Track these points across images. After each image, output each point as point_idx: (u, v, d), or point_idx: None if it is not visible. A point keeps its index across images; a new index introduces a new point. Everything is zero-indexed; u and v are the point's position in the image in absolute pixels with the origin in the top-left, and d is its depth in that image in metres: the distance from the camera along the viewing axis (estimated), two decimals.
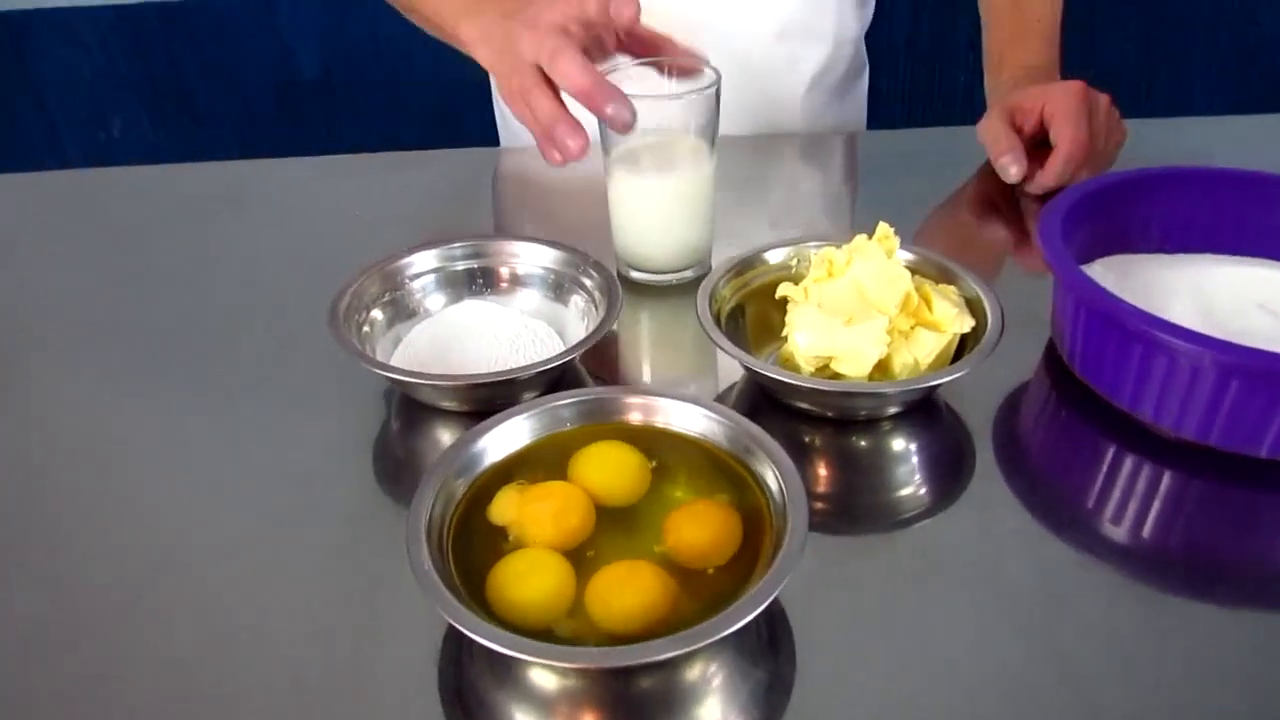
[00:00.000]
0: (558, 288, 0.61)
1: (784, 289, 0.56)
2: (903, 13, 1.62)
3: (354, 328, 0.56)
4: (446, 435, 0.54)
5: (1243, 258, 0.61)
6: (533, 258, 0.62)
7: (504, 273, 0.62)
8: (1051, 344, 0.59)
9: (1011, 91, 0.76)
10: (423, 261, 0.61)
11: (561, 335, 0.59)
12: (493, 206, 0.83)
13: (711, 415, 0.46)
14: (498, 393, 0.53)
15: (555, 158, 0.60)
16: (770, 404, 0.55)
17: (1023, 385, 0.57)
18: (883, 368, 0.53)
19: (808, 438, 0.53)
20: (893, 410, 0.54)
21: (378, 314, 0.59)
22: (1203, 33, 1.65)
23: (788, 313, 0.55)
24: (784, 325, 0.55)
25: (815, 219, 0.78)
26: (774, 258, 0.60)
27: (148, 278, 0.71)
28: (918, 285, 0.54)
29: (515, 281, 0.62)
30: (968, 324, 0.54)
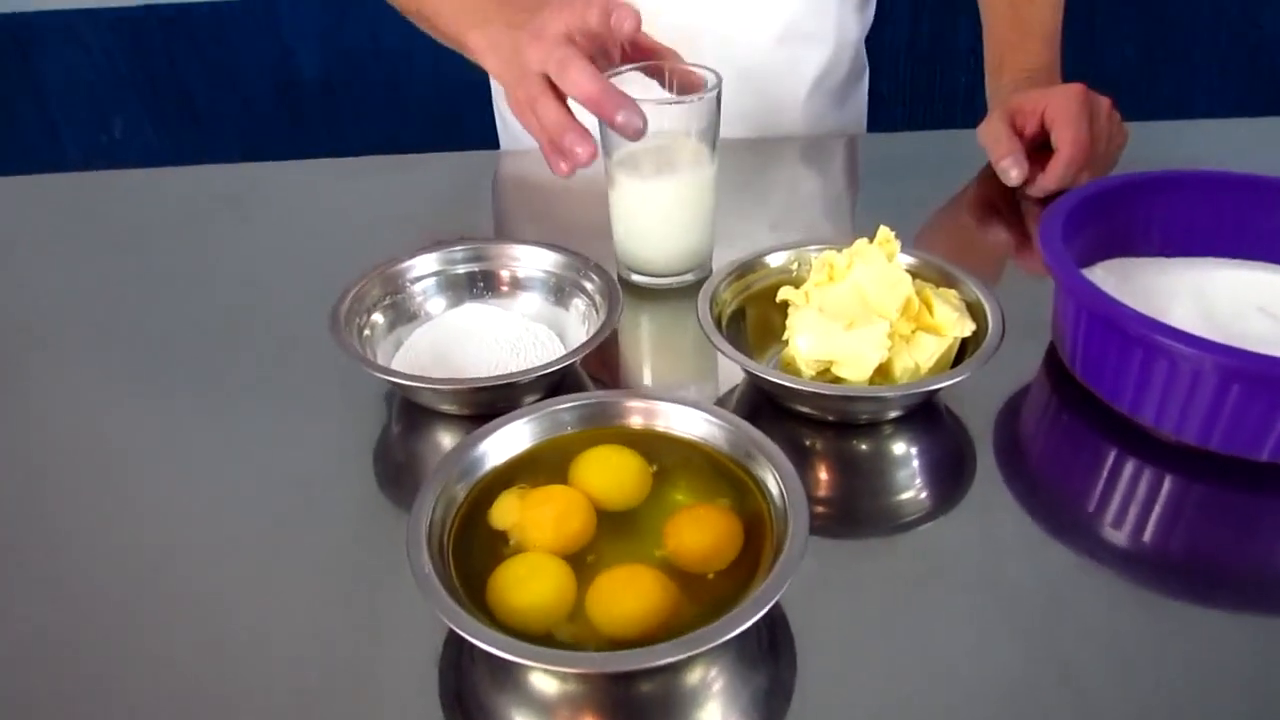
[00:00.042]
0: (559, 291, 0.61)
1: (785, 293, 0.56)
2: (903, 15, 1.62)
3: (355, 331, 0.56)
4: (447, 439, 0.54)
5: (1243, 261, 0.61)
6: (534, 261, 0.62)
7: (505, 276, 0.62)
8: (1053, 348, 0.59)
9: (1012, 94, 0.76)
10: (424, 265, 0.61)
11: (562, 338, 0.59)
12: (493, 209, 0.83)
13: (712, 419, 0.46)
14: (499, 396, 0.53)
15: (562, 168, 0.60)
16: (771, 407, 0.55)
17: (1024, 389, 0.57)
18: (883, 372, 0.53)
19: (808, 441, 0.53)
20: (894, 414, 0.54)
21: (378, 317, 0.59)
22: (1204, 35, 1.65)
23: (789, 317, 0.55)
24: (785, 328, 0.55)
25: (816, 222, 0.78)
26: (775, 261, 0.60)
27: (148, 280, 0.71)
28: (919, 289, 0.55)
29: (516, 285, 0.62)
30: (969, 328, 0.54)
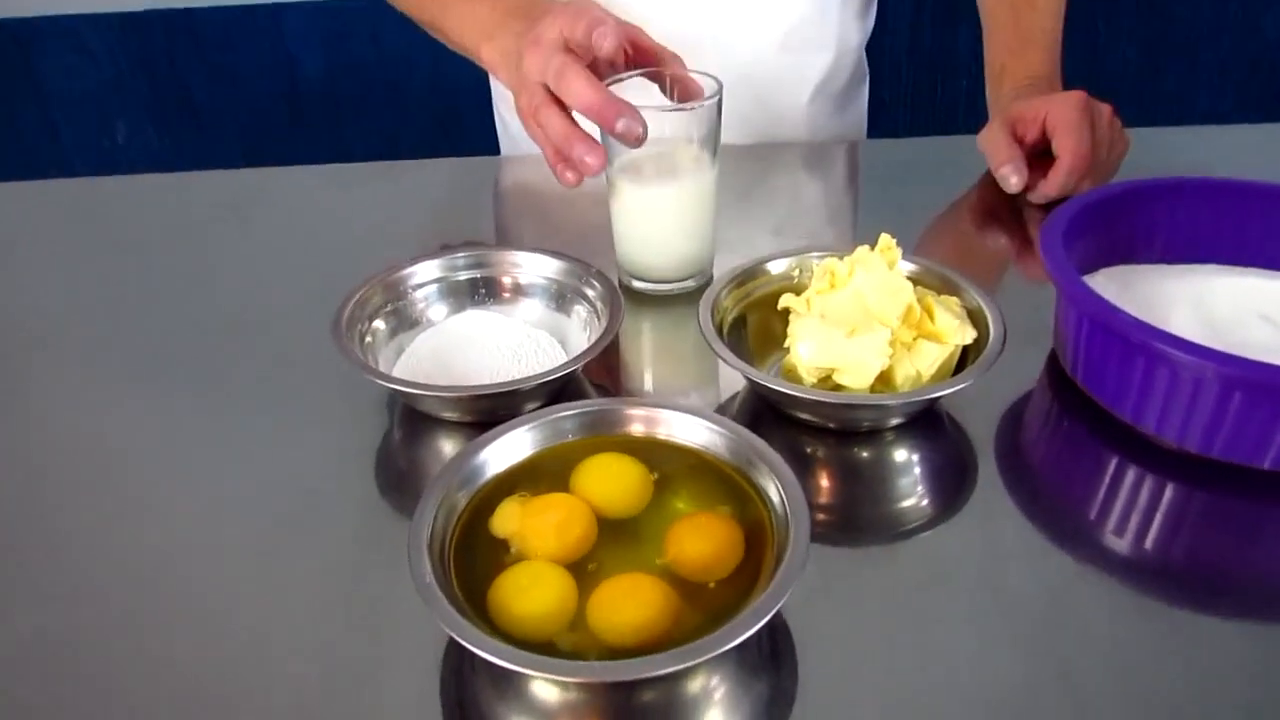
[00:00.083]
0: (560, 298, 0.61)
1: (786, 300, 0.56)
2: (904, 22, 1.62)
3: (356, 338, 0.56)
4: (449, 445, 0.54)
5: (1245, 268, 0.61)
6: (535, 268, 0.62)
7: (506, 283, 0.63)
8: (1054, 355, 0.59)
9: (1013, 102, 0.76)
10: (425, 271, 0.61)
11: (564, 345, 0.59)
12: (494, 215, 0.83)
13: (713, 427, 0.46)
14: (500, 403, 0.53)
15: (568, 178, 0.60)
16: (772, 414, 0.55)
17: (1025, 396, 0.57)
18: (885, 379, 0.53)
19: (810, 448, 0.53)
20: (895, 421, 0.54)
21: (380, 324, 0.59)
22: (1205, 41, 1.65)
23: (790, 324, 0.55)
24: (786, 335, 0.55)
25: (817, 228, 0.78)
26: (776, 268, 0.61)
27: (150, 286, 0.71)
28: (920, 296, 0.55)
29: (518, 291, 0.62)
30: (970, 335, 0.54)
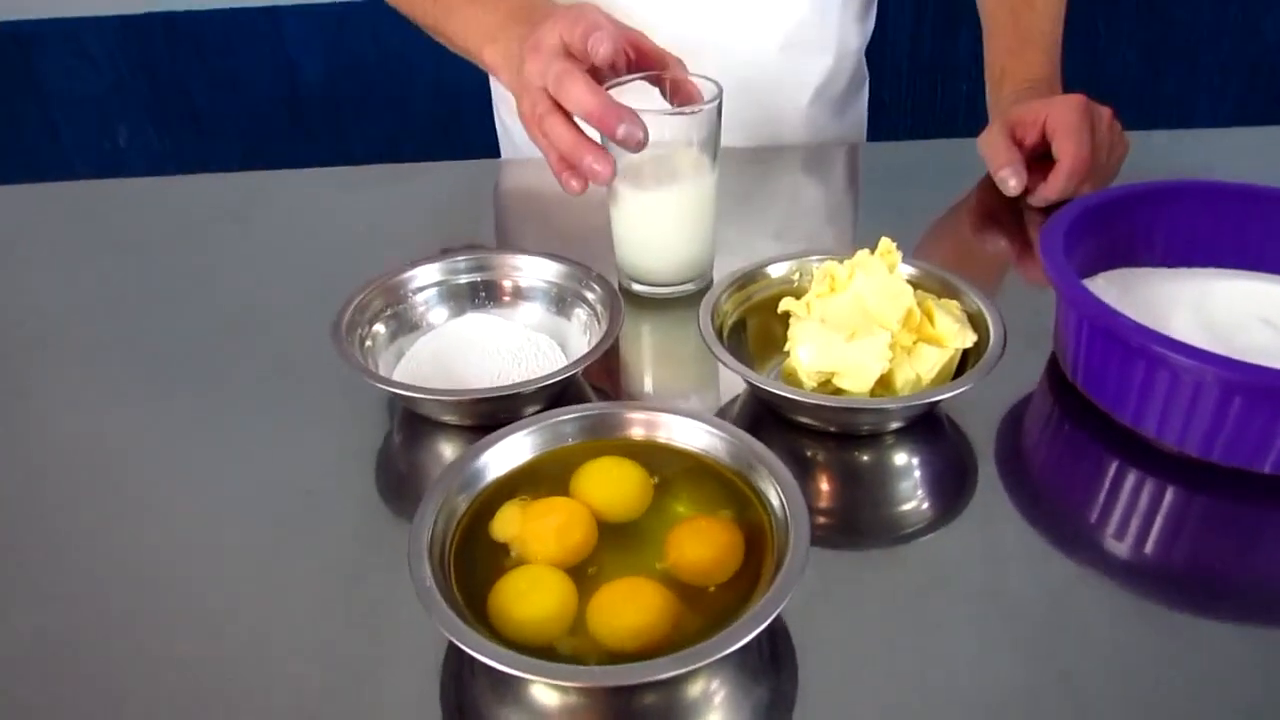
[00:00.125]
0: (560, 301, 0.61)
1: (786, 304, 0.56)
2: (905, 24, 1.62)
3: (357, 341, 0.56)
4: (449, 449, 0.54)
5: (1245, 272, 0.61)
6: (535, 271, 0.62)
7: (506, 286, 0.63)
8: (1054, 358, 0.59)
9: (1013, 105, 0.76)
10: (425, 275, 0.61)
11: (564, 348, 0.59)
12: (495, 218, 0.83)
13: (714, 431, 0.46)
14: (500, 407, 0.53)
15: (574, 186, 0.60)
16: (772, 418, 0.55)
17: (1025, 400, 0.57)
18: (885, 383, 0.53)
19: (810, 452, 0.53)
20: (895, 425, 0.54)
21: (380, 327, 0.59)
22: (1205, 44, 1.65)
23: (790, 327, 0.55)
24: (786, 339, 0.55)
25: (817, 231, 0.78)
26: (776, 271, 0.61)
27: (150, 289, 0.71)
28: (920, 300, 0.55)
29: (518, 295, 0.62)
30: (970, 339, 0.54)
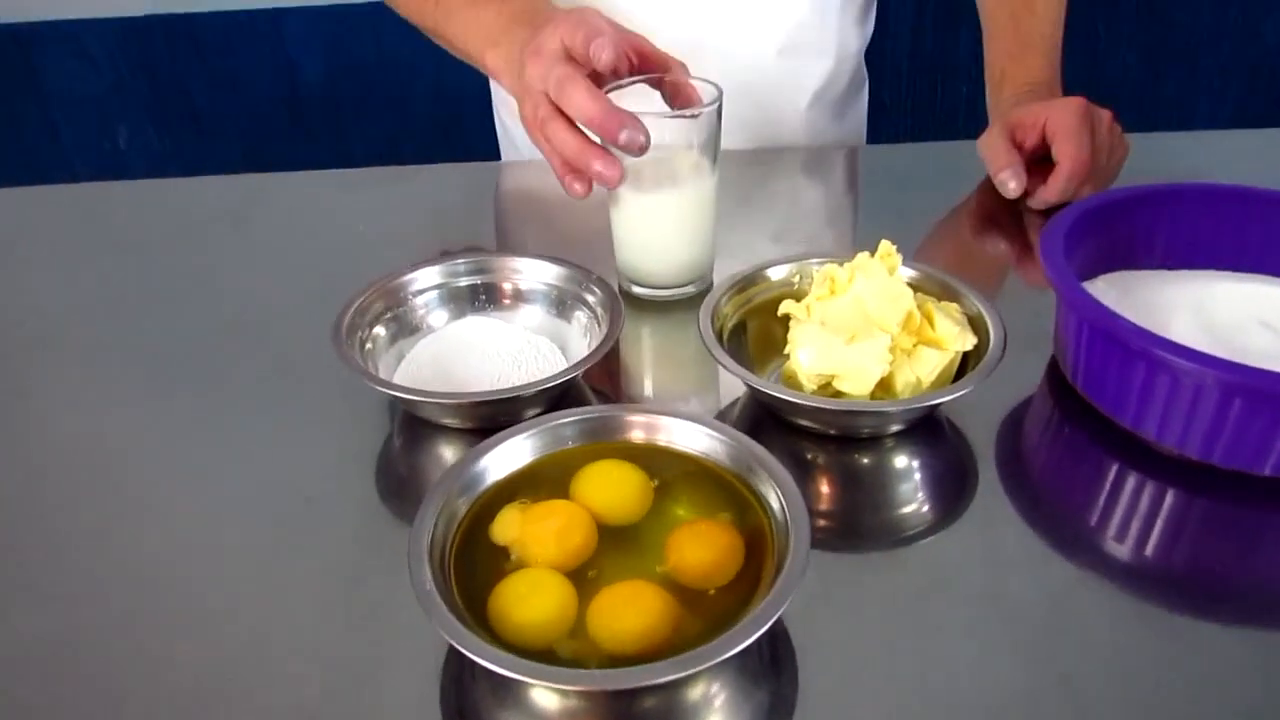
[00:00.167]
0: (560, 304, 0.62)
1: (786, 306, 0.56)
2: (905, 26, 1.62)
3: (357, 344, 0.56)
4: (449, 452, 0.54)
5: (1245, 274, 0.61)
6: (535, 274, 0.62)
7: (507, 289, 0.63)
8: (1054, 361, 0.59)
9: (1013, 108, 0.76)
10: (426, 277, 0.61)
11: (564, 351, 0.59)
12: (495, 221, 0.83)
13: (714, 434, 0.46)
14: (500, 410, 0.53)
15: (578, 190, 0.60)
16: (773, 420, 0.55)
17: (1025, 402, 0.57)
18: (885, 386, 0.53)
19: (810, 455, 0.53)
20: (895, 428, 0.54)
21: (380, 330, 0.59)
22: (1205, 46, 1.65)
23: (790, 330, 0.55)
24: (786, 342, 0.55)
25: (817, 234, 0.79)
26: (776, 274, 0.61)
27: (150, 291, 0.71)
28: (920, 303, 0.55)
29: (518, 297, 0.62)
30: (970, 342, 0.54)
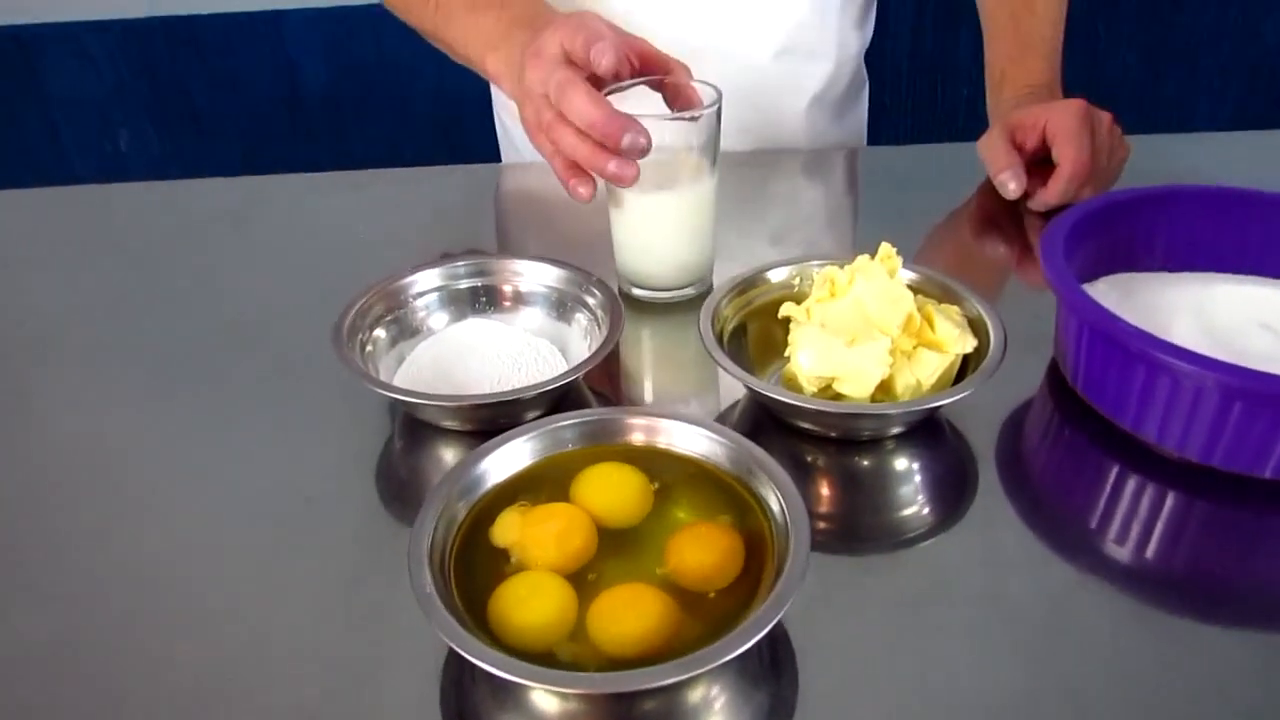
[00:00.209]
0: (560, 306, 0.62)
1: (786, 309, 0.56)
2: (905, 28, 1.62)
3: (357, 346, 0.56)
4: (449, 454, 0.54)
5: (1246, 276, 0.61)
6: (536, 276, 0.62)
7: (507, 291, 0.63)
8: (1055, 363, 0.59)
9: (1013, 110, 0.76)
10: (426, 280, 0.61)
11: (564, 353, 0.59)
12: (495, 223, 0.83)
13: (714, 436, 0.46)
14: (501, 412, 0.53)
15: (582, 194, 0.60)
16: (773, 423, 0.55)
17: (1026, 405, 0.57)
18: (885, 388, 0.53)
19: (810, 457, 0.53)
20: (895, 430, 0.54)
21: (381, 332, 0.59)
22: (1206, 47, 1.65)
23: (790, 332, 0.55)
24: (786, 344, 0.55)
25: (817, 236, 0.79)
26: (776, 276, 0.61)
27: (150, 293, 0.71)
28: (920, 305, 0.55)
29: (518, 300, 0.62)
30: (970, 344, 0.54)
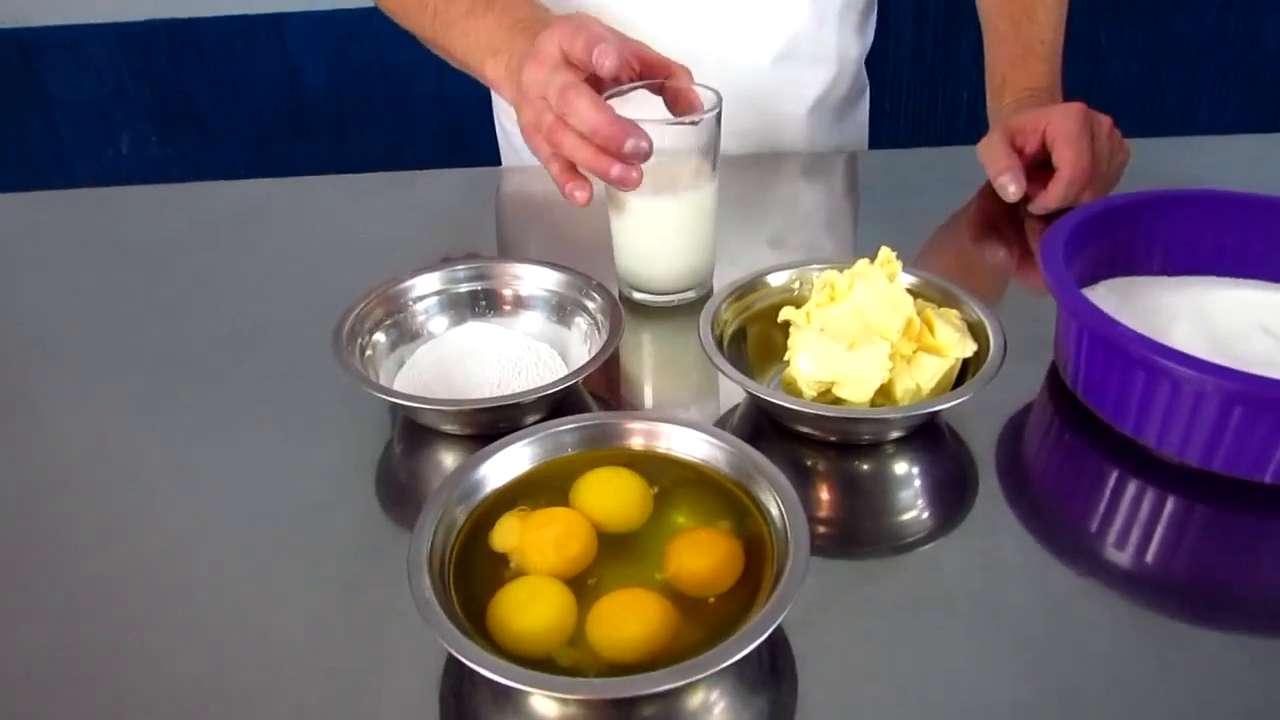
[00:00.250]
0: (560, 310, 0.62)
1: (786, 313, 0.56)
2: (906, 31, 1.62)
3: (357, 350, 0.56)
4: (449, 458, 0.54)
5: (1246, 280, 0.61)
6: (536, 280, 0.62)
7: (507, 295, 0.63)
8: (1054, 368, 0.59)
9: (1013, 114, 0.76)
10: (426, 284, 0.61)
11: (564, 357, 0.59)
12: (496, 227, 0.83)
13: (714, 441, 0.46)
14: (500, 416, 0.53)
15: (579, 198, 0.60)
16: (773, 427, 0.55)
17: (1025, 409, 0.57)
18: (885, 392, 0.53)
19: (810, 461, 0.53)
20: (895, 435, 0.54)
21: (381, 337, 0.59)
22: (1206, 52, 1.65)
23: (790, 337, 0.55)
24: (786, 348, 0.55)
25: (817, 239, 0.79)
26: (776, 280, 0.61)
27: (151, 297, 0.71)
28: (920, 309, 0.55)
29: (518, 304, 0.62)
30: (970, 349, 0.54)
